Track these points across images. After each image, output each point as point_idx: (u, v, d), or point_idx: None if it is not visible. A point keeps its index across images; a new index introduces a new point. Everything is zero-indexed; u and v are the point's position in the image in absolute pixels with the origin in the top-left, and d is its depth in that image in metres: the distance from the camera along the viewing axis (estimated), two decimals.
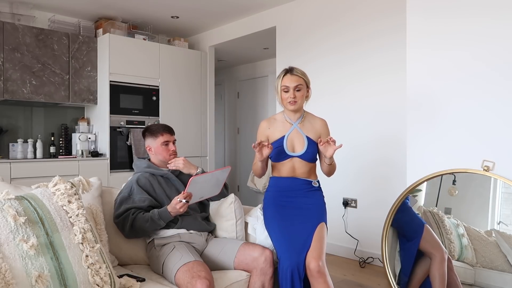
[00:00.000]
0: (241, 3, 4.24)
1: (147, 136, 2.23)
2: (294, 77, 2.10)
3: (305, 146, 2.10)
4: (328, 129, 2.21)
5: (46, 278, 1.32)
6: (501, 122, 2.30)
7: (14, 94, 3.97)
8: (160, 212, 1.93)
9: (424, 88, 2.63)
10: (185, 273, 1.72)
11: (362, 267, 3.46)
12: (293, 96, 2.09)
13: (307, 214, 2.05)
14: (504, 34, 2.29)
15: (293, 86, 2.09)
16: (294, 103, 2.10)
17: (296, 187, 2.11)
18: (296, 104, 2.10)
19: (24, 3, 4.15)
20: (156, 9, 4.40)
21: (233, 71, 6.63)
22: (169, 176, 2.17)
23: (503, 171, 2.27)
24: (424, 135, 2.62)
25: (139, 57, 4.57)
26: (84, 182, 1.71)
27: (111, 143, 4.36)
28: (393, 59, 3.41)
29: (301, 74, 2.12)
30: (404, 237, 2.60)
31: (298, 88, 2.09)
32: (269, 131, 2.18)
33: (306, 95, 2.16)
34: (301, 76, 2.11)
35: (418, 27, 2.65)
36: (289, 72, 2.12)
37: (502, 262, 2.23)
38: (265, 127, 2.20)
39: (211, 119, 5.25)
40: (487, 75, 2.36)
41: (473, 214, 2.39)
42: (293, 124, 2.15)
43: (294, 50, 4.21)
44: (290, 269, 1.88)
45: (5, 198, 1.44)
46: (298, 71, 2.12)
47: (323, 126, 2.20)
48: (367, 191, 3.62)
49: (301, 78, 2.11)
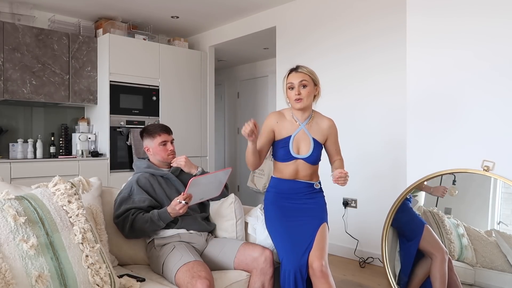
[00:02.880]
0: (241, 3, 4.24)
1: (145, 136, 2.23)
2: (299, 73, 2.03)
3: (310, 149, 2.05)
4: (336, 129, 2.15)
5: (46, 278, 1.32)
6: (501, 122, 2.30)
7: (14, 94, 3.97)
8: (159, 213, 1.93)
9: (424, 87, 2.63)
10: (185, 273, 1.72)
11: (362, 267, 3.46)
12: (298, 92, 2.00)
13: (309, 215, 2.03)
14: (505, 33, 2.29)
15: (298, 81, 2.01)
16: (300, 101, 2.00)
17: (298, 190, 2.08)
18: (302, 102, 2.01)
19: (24, 3, 4.15)
20: (156, 9, 4.40)
21: (233, 71, 6.63)
22: (169, 177, 2.17)
23: (503, 171, 2.27)
24: (424, 135, 2.62)
25: (139, 57, 4.57)
26: (84, 182, 1.71)
27: (111, 143, 4.36)
28: (393, 58, 3.41)
29: (307, 71, 2.05)
30: (404, 237, 2.60)
31: (303, 84, 2.00)
32: (276, 125, 2.09)
33: (315, 94, 2.08)
34: (307, 73, 2.04)
35: (418, 26, 2.64)
36: (294, 70, 2.07)
37: (502, 262, 2.23)
38: (274, 120, 2.10)
39: (211, 119, 5.25)
40: (487, 74, 2.36)
41: (473, 214, 2.39)
42: (301, 124, 2.08)
43: (294, 50, 4.21)
44: (293, 272, 1.86)
45: (5, 198, 1.44)
46: (304, 69, 2.06)
47: (331, 127, 2.12)
48: (367, 191, 3.62)
49: (307, 75, 2.03)
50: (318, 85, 2.09)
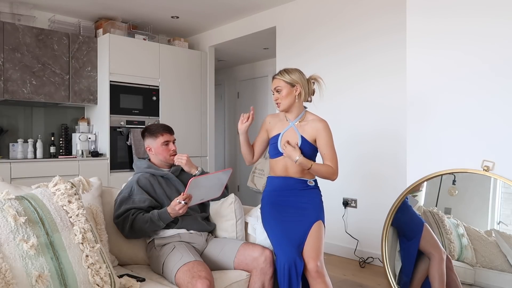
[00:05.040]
0: (241, 4, 4.25)
1: (146, 136, 2.23)
2: (274, 80, 2.16)
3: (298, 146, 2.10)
4: (326, 131, 2.11)
5: (46, 278, 1.32)
6: (501, 122, 2.30)
7: (14, 94, 3.97)
8: (159, 213, 1.93)
9: (424, 87, 2.63)
10: (185, 273, 1.72)
11: (362, 267, 3.46)
12: (276, 98, 2.15)
13: (303, 212, 2.05)
14: (505, 33, 2.29)
15: (273, 88, 2.16)
16: (278, 104, 2.15)
17: (290, 186, 2.11)
18: (280, 105, 2.15)
19: (24, 3, 4.15)
20: (156, 9, 4.40)
21: (233, 71, 6.63)
22: (170, 177, 2.17)
23: (503, 171, 2.27)
24: (424, 134, 2.62)
25: (139, 57, 4.57)
26: (84, 182, 1.71)
27: (111, 143, 4.36)
28: (393, 58, 3.41)
29: (280, 75, 2.14)
30: (405, 237, 2.60)
31: (277, 89, 2.14)
32: (269, 125, 2.24)
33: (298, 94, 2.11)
34: (280, 78, 2.13)
35: (418, 26, 2.64)
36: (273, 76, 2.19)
37: (502, 262, 2.23)
38: (267, 121, 2.27)
39: (211, 119, 5.25)
40: (487, 74, 2.36)
41: (473, 214, 2.39)
42: (290, 123, 2.16)
43: (294, 50, 4.21)
44: (287, 265, 1.88)
45: (5, 198, 1.44)
46: (278, 75, 2.15)
47: (320, 128, 2.11)
48: (367, 191, 3.62)
49: (281, 80, 2.12)
50: (297, 85, 2.12)
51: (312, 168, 2.04)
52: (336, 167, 2.09)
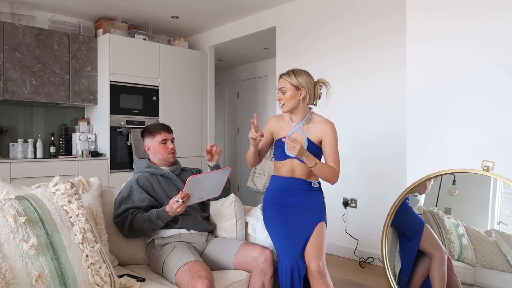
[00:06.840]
0: (241, 3, 4.25)
1: (145, 136, 2.24)
2: (280, 80, 2.12)
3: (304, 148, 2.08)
4: (332, 133, 2.09)
5: (46, 278, 1.32)
6: (501, 122, 2.30)
7: (14, 94, 3.97)
8: (158, 212, 1.93)
9: (424, 87, 2.63)
10: (186, 273, 1.72)
11: (362, 267, 3.46)
12: (280, 98, 2.10)
13: (306, 213, 2.05)
14: (506, 31, 2.28)
15: (278, 88, 2.12)
16: (282, 105, 2.11)
17: (294, 187, 2.11)
18: (284, 106, 2.10)
19: (24, 3, 4.15)
20: (156, 9, 4.40)
21: (233, 71, 6.63)
22: (170, 176, 2.17)
23: (503, 171, 2.27)
24: (424, 134, 2.62)
25: (139, 57, 4.57)
26: (84, 182, 1.71)
27: (111, 143, 4.36)
28: (393, 58, 3.42)
29: (287, 76, 2.10)
30: (405, 237, 2.60)
31: (282, 91, 2.09)
32: (274, 127, 2.20)
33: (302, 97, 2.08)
34: (287, 79, 2.09)
35: (418, 25, 2.64)
36: (280, 76, 2.15)
37: (502, 262, 2.23)
38: (272, 123, 2.22)
39: (211, 119, 5.25)
40: (487, 74, 2.36)
41: (473, 214, 2.39)
42: (297, 125, 2.14)
43: (294, 50, 4.21)
44: (290, 266, 1.88)
45: (5, 198, 1.44)
46: (286, 74, 2.11)
47: (327, 129, 2.10)
48: (367, 191, 3.62)
49: (287, 82, 2.09)
50: (302, 89, 2.08)
51: (316, 165, 2.00)
52: (338, 170, 2.09)
